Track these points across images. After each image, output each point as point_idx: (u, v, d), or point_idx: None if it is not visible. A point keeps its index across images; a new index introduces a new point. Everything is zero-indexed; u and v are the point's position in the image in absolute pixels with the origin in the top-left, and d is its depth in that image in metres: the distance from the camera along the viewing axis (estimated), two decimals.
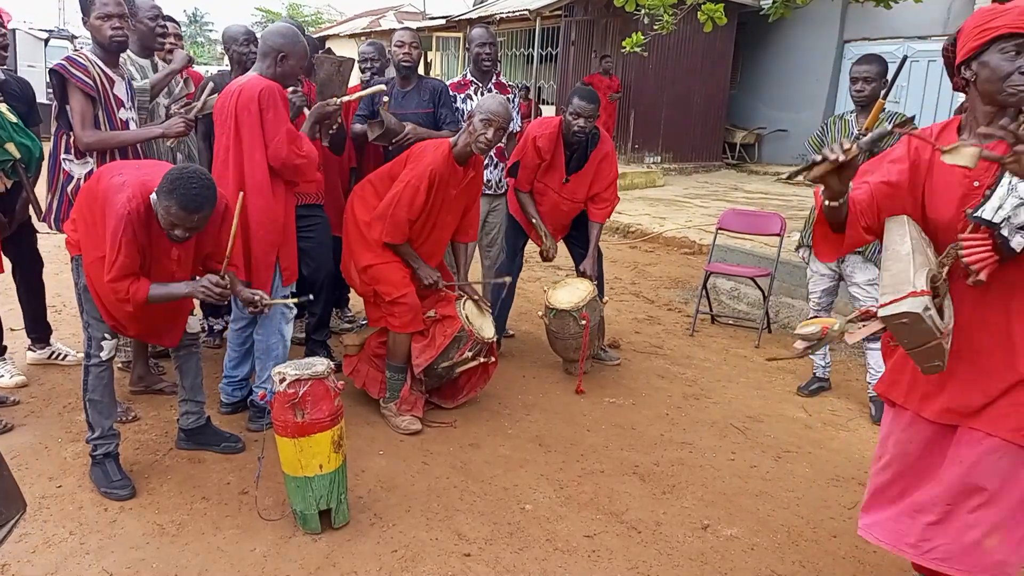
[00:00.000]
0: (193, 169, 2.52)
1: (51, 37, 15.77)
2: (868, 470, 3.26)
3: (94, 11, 3.06)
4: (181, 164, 2.56)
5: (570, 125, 3.95)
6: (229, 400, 3.48)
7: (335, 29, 19.97)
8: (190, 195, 2.46)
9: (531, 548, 2.60)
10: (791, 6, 6.20)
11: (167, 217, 2.51)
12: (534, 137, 4.02)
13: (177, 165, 2.56)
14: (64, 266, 3.27)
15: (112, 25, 3.08)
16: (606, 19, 12.05)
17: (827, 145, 3.77)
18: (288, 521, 2.65)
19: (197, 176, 2.50)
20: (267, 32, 3.12)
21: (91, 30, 3.09)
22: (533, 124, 4.16)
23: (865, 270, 3.75)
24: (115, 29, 3.09)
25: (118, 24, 3.10)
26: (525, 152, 4.05)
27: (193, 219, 2.51)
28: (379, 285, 3.40)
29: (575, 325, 3.94)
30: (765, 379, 4.35)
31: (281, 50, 3.04)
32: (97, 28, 3.08)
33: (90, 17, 3.07)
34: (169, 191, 2.46)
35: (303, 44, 3.13)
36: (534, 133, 4.04)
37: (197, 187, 2.47)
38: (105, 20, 3.07)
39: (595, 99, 3.96)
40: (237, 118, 2.99)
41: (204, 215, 2.54)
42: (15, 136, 3.28)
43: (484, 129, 3.26)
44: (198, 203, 2.48)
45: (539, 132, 4.02)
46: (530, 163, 4.06)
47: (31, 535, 2.52)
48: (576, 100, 3.91)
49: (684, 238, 7.94)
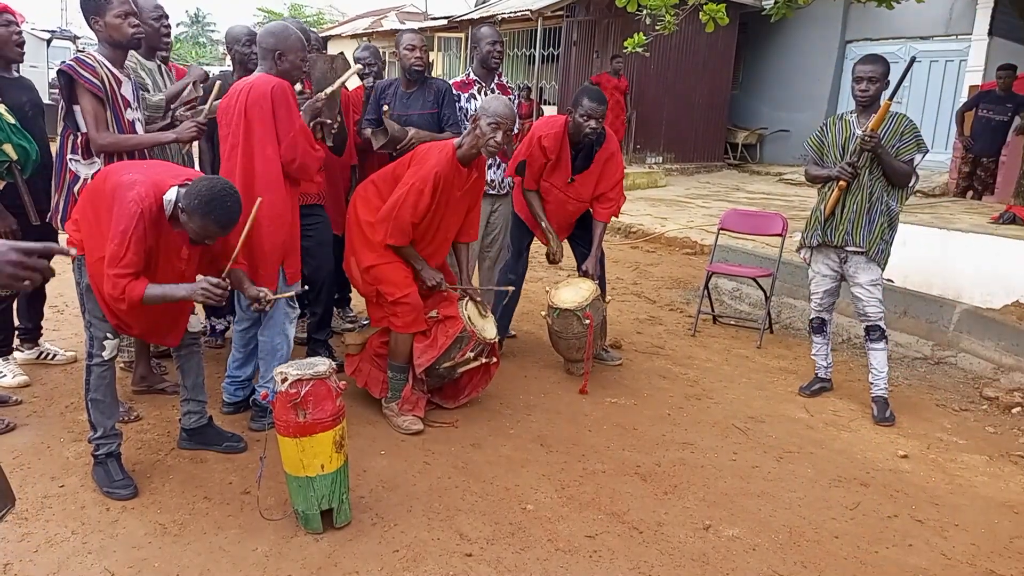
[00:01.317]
0: (222, 185, 2.58)
1: (53, 37, 15.78)
2: (870, 471, 3.27)
3: (111, 9, 3.05)
4: (207, 179, 2.57)
5: (580, 127, 3.94)
6: (231, 400, 3.48)
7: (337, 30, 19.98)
8: (226, 211, 2.55)
9: (533, 548, 2.60)
10: (793, 6, 6.19)
11: (201, 232, 2.59)
12: (539, 136, 4.01)
13: (203, 180, 2.57)
14: (66, 266, 3.27)
15: (131, 23, 3.09)
16: (608, 19, 12.05)
17: (827, 146, 3.79)
18: (290, 521, 2.65)
19: (228, 192, 2.57)
20: (260, 35, 3.17)
21: (108, 29, 3.07)
22: (539, 123, 4.15)
23: (868, 270, 3.75)
24: (134, 27, 3.11)
25: (136, 21, 3.12)
26: (531, 151, 4.04)
27: (227, 232, 2.62)
28: (381, 285, 3.40)
29: (579, 325, 3.94)
30: (767, 379, 4.35)
31: (276, 48, 3.08)
32: (116, 27, 3.07)
33: (105, 16, 3.05)
34: (205, 212, 2.52)
35: (295, 37, 3.12)
36: (539, 132, 4.03)
37: (231, 202, 2.57)
38: (124, 18, 3.07)
39: (604, 100, 3.96)
40: (247, 115, 3.00)
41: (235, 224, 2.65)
42: (12, 137, 3.28)
43: (493, 133, 3.27)
44: (233, 218, 2.60)
45: (545, 131, 4.02)
46: (536, 162, 4.05)
47: (33, 534, 2.53)
48: (586, 102, 3.90)
49: (686, 238, 7.94)
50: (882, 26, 12.25)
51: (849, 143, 3.69)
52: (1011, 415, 3.98)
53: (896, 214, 3.73)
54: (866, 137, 3.52)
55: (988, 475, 3.33)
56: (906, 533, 2.82)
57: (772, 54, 14.07)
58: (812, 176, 3.88)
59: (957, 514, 2.98)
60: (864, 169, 3.64)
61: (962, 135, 8.67)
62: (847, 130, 3.73)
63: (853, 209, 3.70)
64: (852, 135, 3.68)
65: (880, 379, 3.83)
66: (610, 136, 4.15)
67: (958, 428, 3.82)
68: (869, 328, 3.81)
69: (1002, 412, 4.02)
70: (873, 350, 3.82)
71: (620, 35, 11.03)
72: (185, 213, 2.56)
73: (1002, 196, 8.22)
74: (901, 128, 3.63)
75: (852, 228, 3.70)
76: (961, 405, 4.10)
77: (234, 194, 2.59)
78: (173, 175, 2.66)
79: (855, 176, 3.63)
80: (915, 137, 3.63)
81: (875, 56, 3.66)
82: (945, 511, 2.99)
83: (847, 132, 3.73)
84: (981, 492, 3.17)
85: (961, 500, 3.09)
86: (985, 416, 3.98)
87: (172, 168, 2.82)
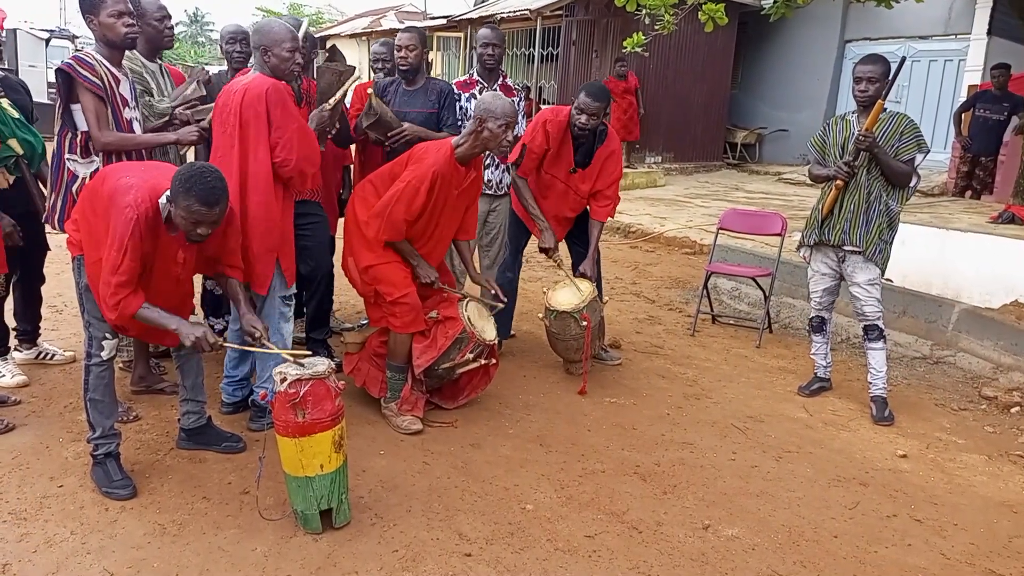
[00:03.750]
0: (202, 164, 2.57)
1: (52, 37, 15.76)
2: (869, 470, 3.27)
3: (105, 9, 3.04)
4: (187, 164, 2.58)
5: (573, 119, 3.96)
6: (230, 400, 3.48)
7: (336, 29, 19.95)
8: (207, 188, 2.50)
9: (532, 548, 2.60)
10: (792, 6, 6.20)
11: (188, 217, 2.53)
12: (545, 120, 4.02)
13: (184, 165, 2.58)
14: (65, 266, 3.27)
15: (125, 22, 3.08)
16: (607, 19, 12.04)
17: (829, 146, 3.79)
18: (289, 521, 2.65)
19: (209, 170, 2.55)
20: (251, 34, 3.16)
21: (102, 28, 3.06)
22: (546, 109, 4.18)
23: (865, 270, 3.75)
24: (128, 26, 3.10)
25: (130, 21, 3.11)
26: (534, 135, 4.04)
27: (214, 213, 2.55)
28: (380, 285, 3.40)
29: (576, 326, 3.94)
30: (766, 379, 4.35)
31: (260, 45, 3.09)
32: (110, 26, 3.06)
33: (99, 15, 3.05)
34: (186, 190, 2.48)
35: (278, 31, 3.10)
36: (546, 117, 4.05)
37: (212, 179, 2.52)
38: (118, 17, 3.07)
39: (602, 97, 3.93)
40: (242, 116, 3.00)
41: (222, 207, 2.59)
42: (17, 132, 3.27)
43: (504, 132, 3.29)
44: (216, 195, 2.53)
45: (551, 117, 4.04)
46: (537, 147, 4.04)
47: (32, 534, 2.53)
48: (583, 96, 3.91)
49: (685, 238, 7.94)
50: (881, 26, 12.26)
51: (849, 143, 3.69)
52: (1010, 415, 3.98)
53: (896, 214, 3.73)
54: (860, 136, 3.53)
55: (987, 475, 3.33)
56: (905, 533, 2.82)
57: (771, 54, 14.06)
58: (814, 176, 3.89)
59: (956, 514, 2.98)
60: (862, 169, 3.65)
61: (960, 135, 8.69)
62: (848, 130, 3.73)
63: (850, 208, 3.70)
64: (852, 135, 3.68)
65: (879, 379, 3.83)
66: (611, 135, 4.16)
67: (957, 428, 3.82)
68: (867, 327, 3.81)
69: (1001, 412, 4.02)
70: (872, 350, 3.82)
71: (619, 35, 11.03)
72: (171, 203, 2.54)
73: (1001, 195, 8.23)
74: (901, 128, 3.63)
75: (849, 227, 3.70)
76: (960, 405, 4.10)
77: (215, 172, 2.55)
78: (169, 177, 2.65)
79: (852, 175, 3.63)
80: (915, 137, 3.63)
81: (876, 56, 3.66)
82: (944, 511, 3.00)
83: (848, 132, 3.73)
84: (980, 492, 3.17)
85: (960, 500, 3.09)
86: (984, 416, 3.98)
87: (169, 171, 2.81)
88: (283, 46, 3.09)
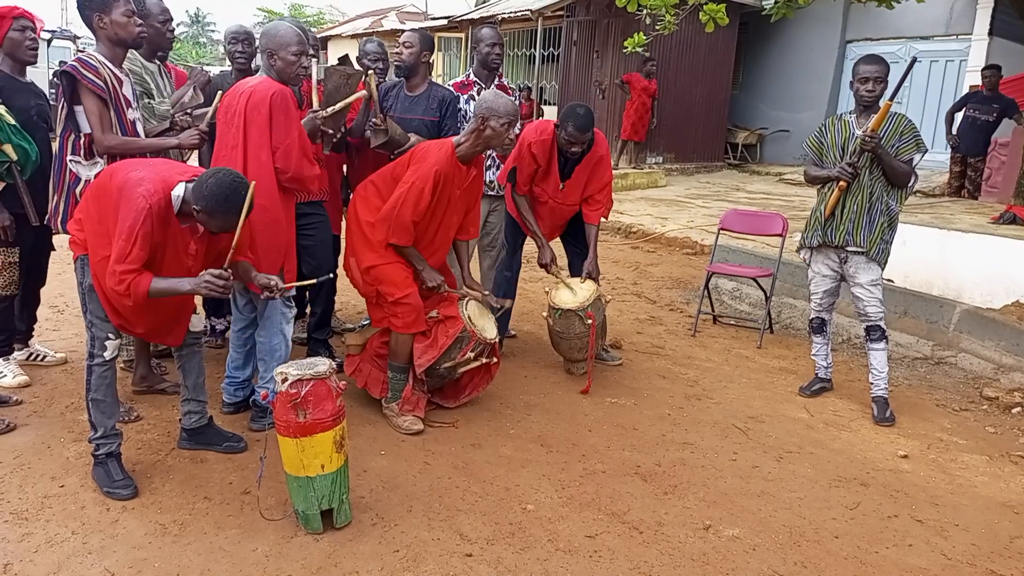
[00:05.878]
0: (230, 178, 2.59)
1: (54, 37, 15.75)
2: (870, 471, 3.27)
3: (118, 8, 3.04)
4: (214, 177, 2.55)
5: (563, 147, 3.97)
6: (231, 400, 3.48)
7: (337, 30, 19.98)
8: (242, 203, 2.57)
9: (533, 548, 2.60)
10: (793, 6, 6.19)
11: (220, 226, 2.63)
12: (529, 143, 4.01)
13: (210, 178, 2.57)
14: (67, 266, 3.27)
15: (136, 22, 3.10)
16: (608, 19, 12.05)
17: (826, 147, 3.79)
18: (290, 521, 2.66)
19: (239, 181, 2.59)
20: (259, 37, 3.16)
21: (114, 26, 3.05)
22: (528, 129, 4.13)
23: (868, 270, 3.75)
24: (140, 26, 3.13)
25: (139, 21, 3.13)
26: (521, 157, 4.05)
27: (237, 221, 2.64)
28: (382, 285, 3.40)
29: (580, 325, 3.94)
30: (767, 379, 4.35)
31: (267, 48, 3.10)
32: (123, 25, 3.06)
33: (112, 13, 3.04)
34: (226, 209, 2.56)
35: (284, 34, 3.11)
36: (529, 139, 4.02)
37: (244, 191, 2.58)
38: (130, 17, 3.08)
39: (590, 126, 3.92)
40: (246, 118, 3.00)
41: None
42: (12, 138, 3.27)
43: (507, 131, 3.32)
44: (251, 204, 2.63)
45: (534, 139, 4.01)
46: (526, 168, 4.06)
47: (33, 534, 2.53)
48: (571, 128, 3.86)
49: (686, 238, 7.94)
50: (882, 26, 12.25)
51: (848, 143, 3.69)
52: (1011, 415, 3.98)
53: (896, 214, 3.74)
54: (866, 138, 3.53)
55: (988, 475, 3.33)
56: (906, 533, 2.82)
57: (772, 54, 14.07)
58: (811, 177, 3.88)
59: (957, 514, 2.98)
60: (864, 169, 3.65)
61: (950, 135, 8.74)
62: (846, 131, 3.73)
63: (853, 209, 3.70)
64: (851, 135, 3.68)
65: (880, 379, 3.83)
66: (599, 139, 4.12)
67: (958, 428, 3.82)
68: (869, 328, 3.81)
69: (1002, 412, 4.02)
70: (873, 350, 3.82)
71: (620, 35, 11.03)
72: (204, 213, 2.58)
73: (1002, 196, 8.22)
74: (900, 128, 3.64)
75: (853, 228, 3.70)
76: (961, 405, 4.10)
77: (243, 182, 2.61)
78: (179, 172, 2.68)
79: (855, 176, 3.63)
80: (914, 137, 3.63)
81: (876, 56, 3.67)
82: (945, 511, 2.99)
83: (846, 133, 3.73)
84: (981, 492, 3.17)
85: (961, 500, 3.09)
86: (985, 416, 3.98)
87: (178, 165, 2.83)
88: (289, 50, 3.10)
